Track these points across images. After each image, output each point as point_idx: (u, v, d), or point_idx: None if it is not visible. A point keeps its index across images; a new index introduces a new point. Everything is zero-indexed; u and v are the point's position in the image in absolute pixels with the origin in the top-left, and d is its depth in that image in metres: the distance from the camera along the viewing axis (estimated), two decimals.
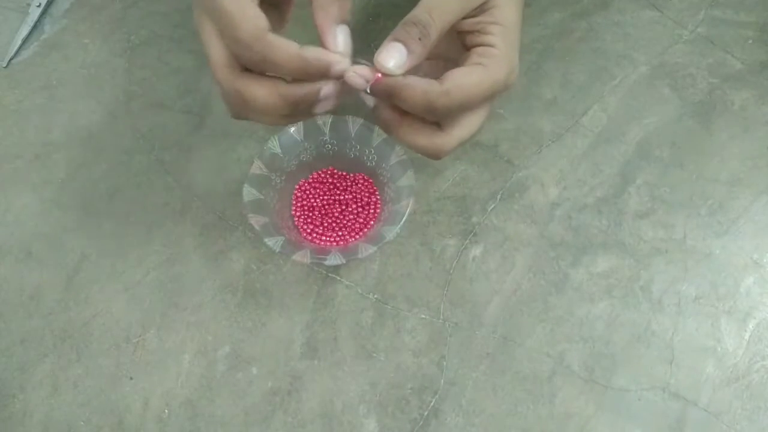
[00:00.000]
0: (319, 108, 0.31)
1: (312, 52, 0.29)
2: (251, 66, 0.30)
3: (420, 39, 0.29)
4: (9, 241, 0.49)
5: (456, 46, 0.33)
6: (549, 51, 0.54)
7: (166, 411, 0.43)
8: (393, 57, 0.29)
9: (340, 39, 0.30)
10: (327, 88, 0.30)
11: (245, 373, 0.44)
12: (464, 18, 0.31)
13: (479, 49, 0.31)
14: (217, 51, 0.30)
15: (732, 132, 0.50)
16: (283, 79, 0.30)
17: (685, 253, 0.46)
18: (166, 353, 0.44)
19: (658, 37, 0.54)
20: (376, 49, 0.30)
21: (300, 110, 0.31)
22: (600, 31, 0.55)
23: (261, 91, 0.30)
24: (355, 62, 0.30)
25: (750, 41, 0.54)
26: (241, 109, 0.31)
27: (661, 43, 0.54)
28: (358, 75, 0.30)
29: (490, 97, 0.31)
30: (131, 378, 0.44)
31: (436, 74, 0.30)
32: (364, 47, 0.31)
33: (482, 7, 0.31)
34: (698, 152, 0.49)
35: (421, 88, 0.29)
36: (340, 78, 0.30)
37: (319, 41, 0.31)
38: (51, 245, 0.49)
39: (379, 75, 0.29)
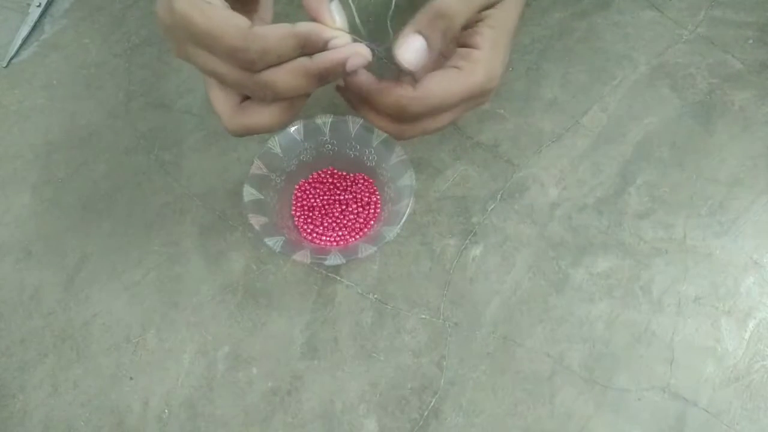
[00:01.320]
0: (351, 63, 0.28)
1: (304, 27, 0.26)
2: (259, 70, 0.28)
3: (443, 32, 0.28)
4: (9, 241, 0.49)
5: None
6: (549, 51, 0.54)
7: (166, 411, 0.43)
8: (414, 50, 0.28)
9: (336, 14, 0.28)
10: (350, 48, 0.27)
11: (245, 373, 0.44)
12: None
13: (462, 50, 0.30)
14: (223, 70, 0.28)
15: (732, 132, 0.50)
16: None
17: (685, 253, 0.46)
18: (166, 353, 0.44)
19: (658, 37, 0.54)
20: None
21: (329, 79, 0.28)
22: (600, 31, 0.55)
23: (280, 74, 0.27)
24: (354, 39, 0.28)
25: (750, 41, 0.54)
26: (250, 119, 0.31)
27: (661, 43, 0.54)
28: (359, 54, 0.27)
29: (466, 100, 0.30)
30: (131, 378, 0.44)
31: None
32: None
33: (489, 2, 0.30)
34: (698, 152, 0.49)
35: (394, 95, 0.28)
36: None
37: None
38: (51, 245, 0.49)
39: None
